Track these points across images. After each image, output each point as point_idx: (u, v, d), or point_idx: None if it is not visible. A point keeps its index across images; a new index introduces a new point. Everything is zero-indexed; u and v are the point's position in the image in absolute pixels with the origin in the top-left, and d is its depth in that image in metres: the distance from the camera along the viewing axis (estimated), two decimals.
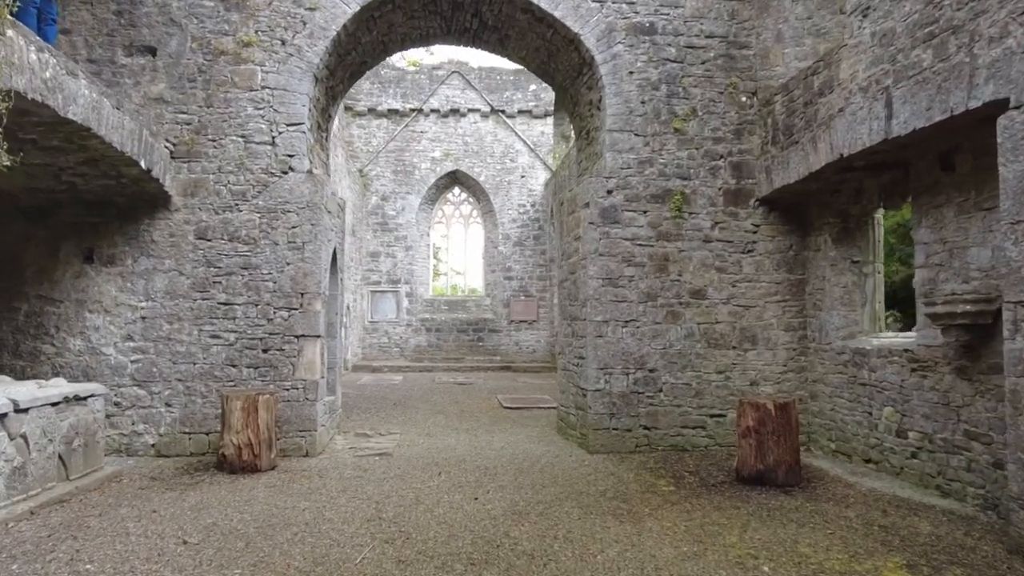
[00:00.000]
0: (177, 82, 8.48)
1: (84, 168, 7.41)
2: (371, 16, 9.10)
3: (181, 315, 8.38)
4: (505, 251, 22.82)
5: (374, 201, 22.85)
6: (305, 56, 8.66)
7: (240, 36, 8.59)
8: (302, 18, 8.68)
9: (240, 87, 8.57)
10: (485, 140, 23.19)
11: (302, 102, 8.65)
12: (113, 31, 8.39)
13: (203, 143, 8.49)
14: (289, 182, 8.57)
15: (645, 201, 8.96)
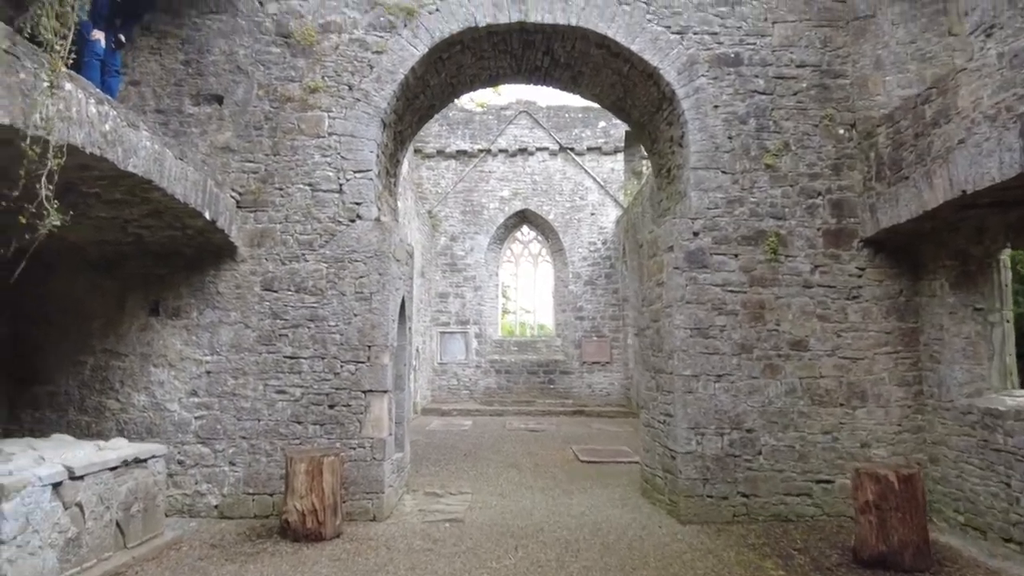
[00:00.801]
0: (243, 130, 8.29)
1: (149, 220, 7.22)
2: (439, 58, 8.78)
3: (246, 369, 8.06)
4: (576, 290, 22.19)
5: (443, 242, 22.64)
6: (372, 101, 8.37)
7: (307, 82, 8.36)
8: (369, 62, 8.41)
9: (307, 134, 8.32)
10: (554, 178, 22.77)
11: (369, 148, 8.33)
12: (180, 80, 8.29)
13: (270, 192, 8.25)
14: (356, 231, 8.23)
15: (736, 243, 8.24)
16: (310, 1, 8.48)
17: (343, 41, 8.44)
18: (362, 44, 8.44)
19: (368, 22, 8.46)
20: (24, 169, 4.43)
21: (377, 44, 8.43)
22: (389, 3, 8.45)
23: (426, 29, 8.43)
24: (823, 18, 8.66)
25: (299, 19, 8.44)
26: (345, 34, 8.45)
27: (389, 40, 8.42)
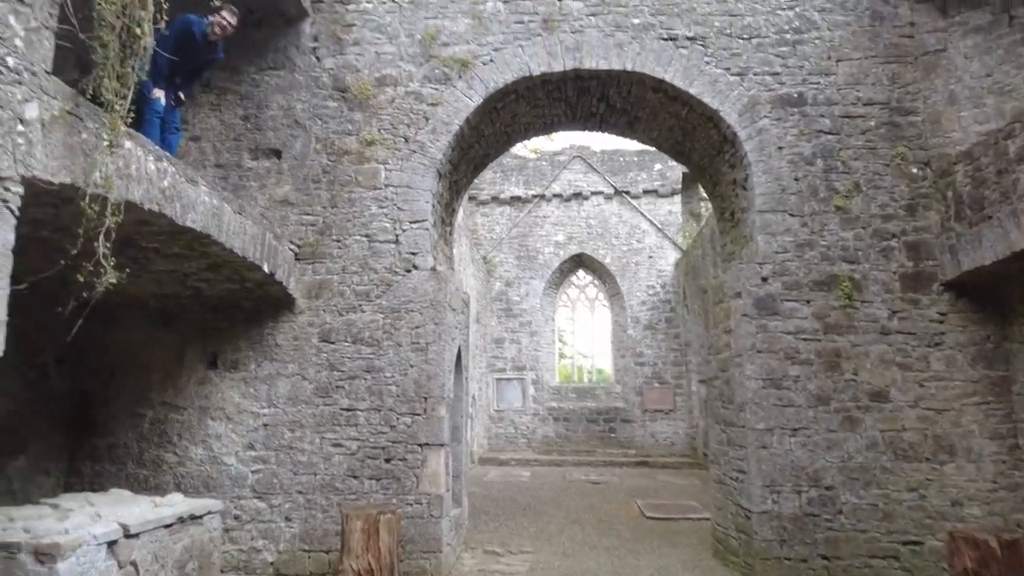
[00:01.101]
0: (302, 183, 8.36)
1: (208, 273, 7.26)
2: (494, 108, 8.74)
3: (303, 422, 7.97)
4: (635, 335, 21.73)
5: (498, 287, 22.57)
6: (428, 152, 8.35)
7: (363, 135, 8.41)
8: (424, 114, 8.43)
9: (364, 186, 8.34)
10: (609, 222, 22.56)
11: (425, 198, 8.29)
12: (240, 136, 8.44)
13: (327, 244, 8.26)
14: (412, 280, 8.15)
15: (807, 289, 7.84)
16: (366, 55, 8.58)
17: (399, 94, 8.49)
18: (417, 96, 8.47)
19: (423, 75, 8.50)
20: (83, 227, 4.45)
21: (432, 96, 8.45)
22: (444, 55, 8.49)
23: (480, 80, 8.42)
24: (890, 54, 8.34)
25: (355, 73, 8.54)
26: (401, 87, 8.50)
27: (444, 92, 8.44)
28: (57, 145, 4.38)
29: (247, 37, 8.48)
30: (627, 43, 8.38)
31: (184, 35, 6.56)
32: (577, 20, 8.46)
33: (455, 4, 8.59)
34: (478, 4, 8.57)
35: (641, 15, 8.45)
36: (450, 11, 8.58)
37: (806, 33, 8.40)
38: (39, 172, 4.24)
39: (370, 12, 8.65)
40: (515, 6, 8.53)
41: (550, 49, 8.39)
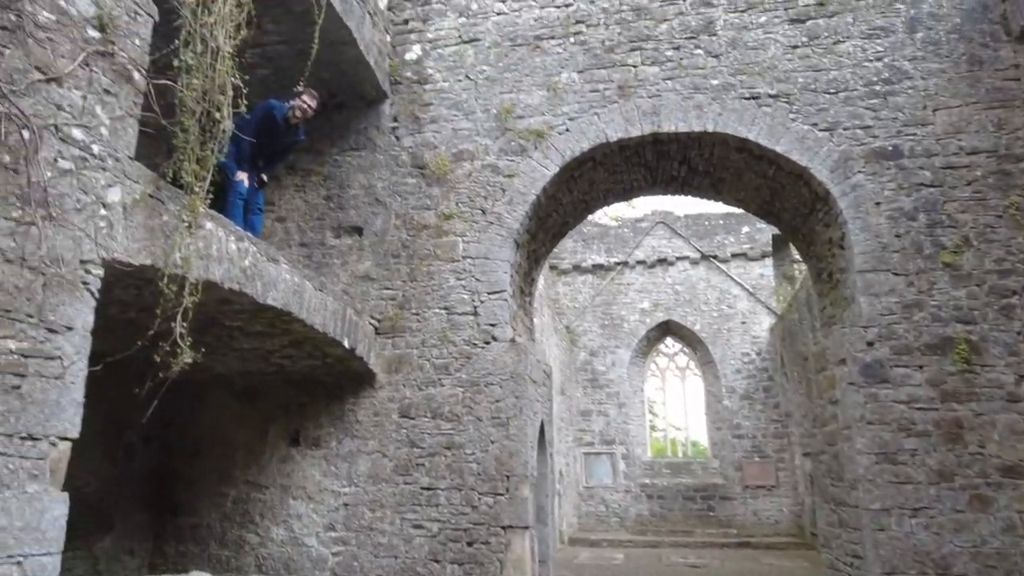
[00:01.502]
0: (382, 259, 8.42)
1: (290, 350, 7.31)
2: (571, 176, 8.64)
3: (383, 501, 7.77)
4: (731, 406, 20.72)
5: (583, 357, 22.12)
6: (505, 223, 8.28)
7: (441, 209, 8.45)
8: (501, 185, 8.40)
9: (442, 259, 8.31)
10: (697, 287, 21.93)
11: (503, 269, 8.17)
12: (323, 215, 8.63)
13: (407, 318, 8.22)
14: (492, 352, 7.96)
15: (919, 353, 7.18)
16: (443, 132, 8.69)
17: (476, 168, 8.52)
18: (494, 169, 8.47)
19: (499, 148, 8.52)
20: (161, 307, 4.49)
21: (509, 168, 8.43)
22: (519, 128, 8.50)
23: (556, 149, 8.36)
24: (993, 99, 7.78)
25: (433, 150, 8.64)
26: (477, 161, 8.54)
27: (520, 163, 8.41)
28: (138, 227, 4.48)
29: (329, 120, 8.77)
30: (707, 104, 8.17)
31: (266, 119, 6.80)
32: (653, 85, 8.33)
33: (530, 77, 8.64)
34: (553, 76, 8.59)
35: (720, 76, 8.25)
36: (525, 85, 8.63)
37: (897, 83, 7.97)
38: (120, 254, 4.32)
39: (446, 90, 8.81)
40: (590, 75, 8.50)
41: (627, 115, 8.27)
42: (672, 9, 8.52)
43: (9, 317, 3.59)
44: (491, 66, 8.76)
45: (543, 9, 8.81)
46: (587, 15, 8.68)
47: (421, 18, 9.11)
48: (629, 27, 8.55)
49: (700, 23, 8.42)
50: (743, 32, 8.32)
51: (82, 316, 4.03)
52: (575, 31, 8.66)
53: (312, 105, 7.02)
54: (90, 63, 4.18)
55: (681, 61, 8.34)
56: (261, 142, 6.71)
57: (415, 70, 8.95)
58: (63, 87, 3.99)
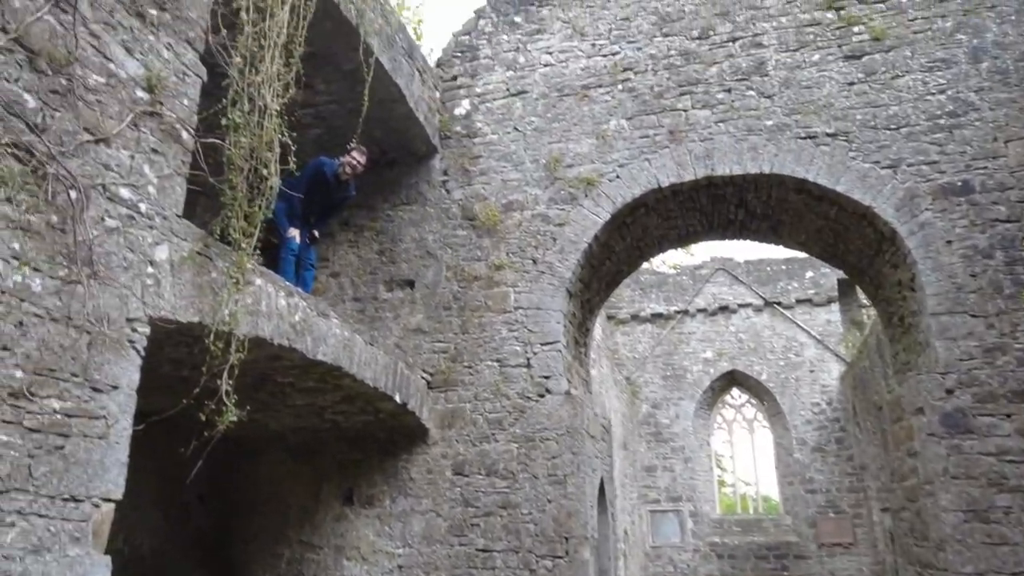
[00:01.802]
0: (433, 311, 8.36)
1: (343, 406, 7.25)
2: (623, 223, 8.48)
3: (438, 564, 7.52)
4: (802, 459, 19.73)
5: (644, 410, 21.51)
6: (557, 272, 8.14)
7: (492, 260, 8.37)
8: (552, 235, 8.29)
9: (493, 310, 8.20)
10: (762, 335, 21.20)
11: (556, 319, 8.00)
12: (375, 269, 8.66)
13: (459, 371, 8.09)
14: (546, 406, 7.73)
15: (1005, 401, 6.64)
16: (493, 183, 8.68)
17: (525, 218, 8.45)
18: (544, 218, 8.38)
19: (549, 197, 8.44)
20: (207, 364, 4.46)
21: (559, 217, 8.33)
22: (569, 176, 8.42)
23: (607, 196, 8.23)
24: None
25: (483, 201, 8.62)
26: (527, 211, 8.47)
27: (571, 212, 8.30)
28: (186, 284, 4.49)
29: (381, 176, 8.88)
30: (762, 146, 7.94)
31: (317, 176, 6.89)
32: (705, 128, 8.17)
33: (578, 126, 8.59)
34: (601, 124, 8.52)
35: (774, 116, 8.03)
36: (573, 134, 8.58)
37: (963, 116, 7.60)
38: (167, 312, 4.32)
39: (495, 143, 8.83)
40: (639, 122, 8.40)
41: (679, 159, 8.11)
42: (721, 52, 8.40)
43: (54, 376, 3.59)
44: (539, 117, 8.75)
45: (590, 59, 8.81)
46: (634, 62, 8.64)
47: (469, 73, 9.21)
48: (678, 72, 8.45)
49: (751, 64, 8.26)
50: (796, 71, 8.12)
51: (128, 375, 4.02)
52: (623, 78, 8.60)
53: (362, 161, 7.09)
54: (138, 123, 4.27)
55: (733, 103, 8.17)
56: (313, 199, 6.79)
57: (464, 124, 9.02)
58: (111, 147, 4.07)
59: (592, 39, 8.87)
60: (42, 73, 3.68)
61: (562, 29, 9.03)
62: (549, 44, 9.01)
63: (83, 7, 3.96)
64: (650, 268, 23.09)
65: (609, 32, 8.84)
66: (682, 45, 8.55)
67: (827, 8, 8.22)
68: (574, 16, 9.03)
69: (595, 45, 8.84)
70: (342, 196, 7.28)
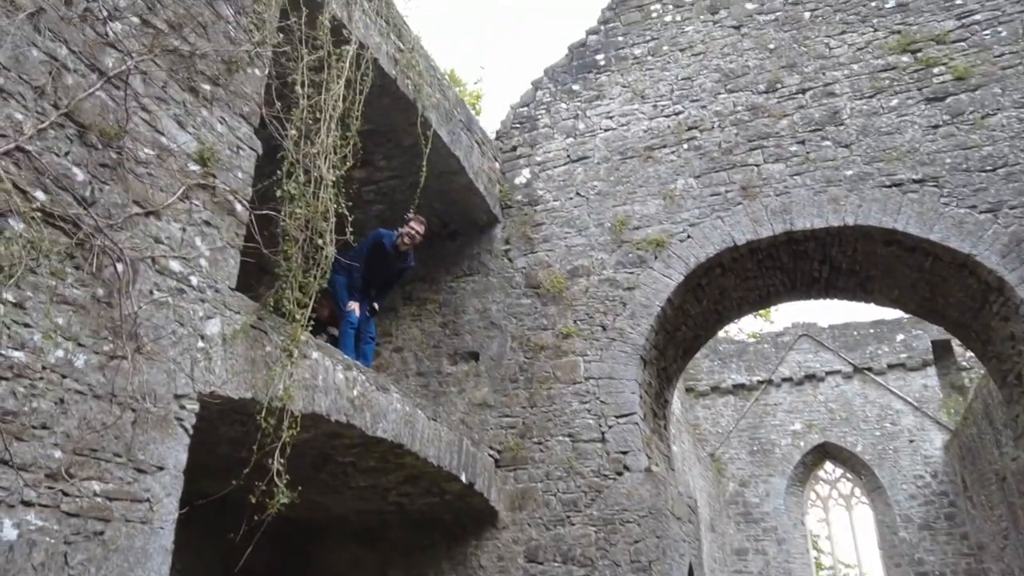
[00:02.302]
0: (499, 384, 8.01)
1: (407, 487, 6.90)
2: (698, 285, 8.04)
3: None
4: (908, 537, 18.05)
5: (732, 488, 20.24)
6: (629, 339, 7.71)
7: (559, 328, 8.02)
8: (621, 299, 7.91)
9: (562, 381, 7.79)
10: (853, 404, 19.86)
11: (631, 389, 7.52)
12: (439, 342, 8.43)
13: (528, 447, 7.65)
14: (625, 484, 7.17)
15: None
16: (557, 250, 8.42)
17: (592, 283, 8.12)
18: (612, 283, 8.03)
19: (616, 260, 8.11)
20: (258, 442, 4.21)
21: (628, 280, 7.97)
22: (636, 239, 8.09)
23: (678, 257, 7.84)
24: None
25: (547, 269, 8.36)
26: (594, 276, 8.14)
27: (640, 275, 7.93)
28: (238, 359, 4.31)
29: (442, 249, 8.76)
30: (843, 197, 7.46)
31: (376, 248, 6.78)
32: (780, 182, 7.76)
33: (643, 188, 8.31)
34: (668, 184, 8.22)
35: (854, 166, 7.57)
36: (639, 195, 8.30)
37: None
38: (218, 388, 4.13)
39: (557, 209, 8.62)
40: (708, 179, 8.06)
41: (753, 215, 7.69)
42: (791, 104, 8.06)
43: (95, 457, 3.39)
44: (602, 181, 8.53)
45: (652, 120, 8.60)
46: (699, 120, 8.37)
47: (529, 143, 9.13)
48: (746, 127, 8.14)
49: (824, 114, 7.87)
50: (873, 118, 7.68)
51: (174, 454, 3.80)
52: (688, 137, 8.34)
53: (420, 231, 6.97)
54: (190, 196, 4.20)
55: (808, 155, 7.76)
56: (372, 270, 6.68)
57: (525, 192, 8.87)
58: (161, 220, 3.98)
59: (653, 100, 8.69)
60: (92, 147, 3.65)
61: (622, 93, 8.89)
62: (609, 109, 8.87)
63: (135, 83, 3.97)
64: (728, 337, 22.25)
65: (671, 92, 8.64)
66: (748, 100, 8.25)
67: (901, 52, 7.82)
68: (633, 80, 8.89)
69: (657, 106, 8.64)
70: (402, 267, 7.15)
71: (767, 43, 8.42)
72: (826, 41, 8.17)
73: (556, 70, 9.41)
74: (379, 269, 6.80)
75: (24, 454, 3.10)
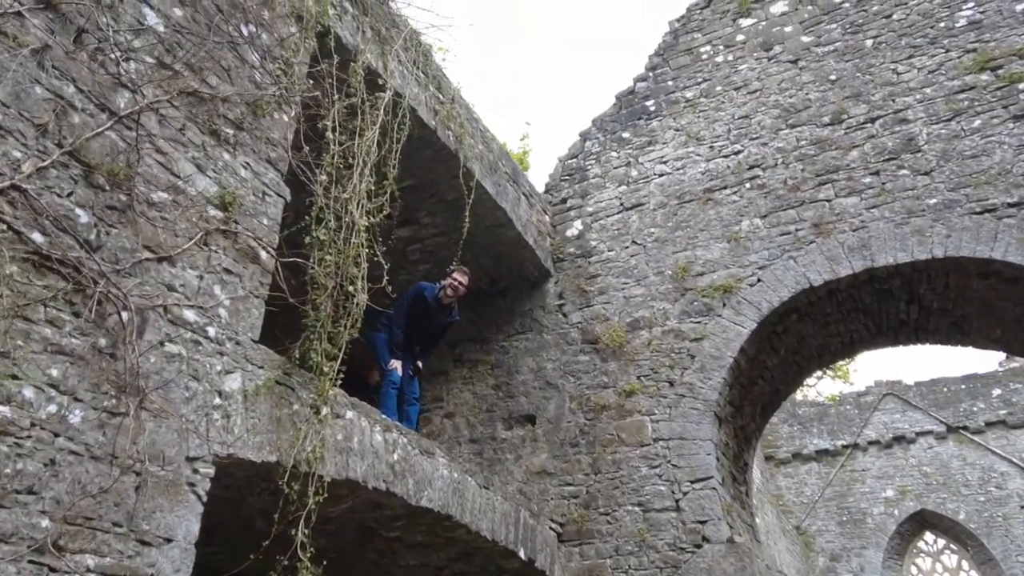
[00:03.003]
0: (559, 449, 7.39)
1: (460, 564, 6.28)
2: (772, 333, 7.37)
3: None
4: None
5: (822, 563, 18.57)
6: (700, 394, 7.04)
7: (621, 386, 7.41)
8: (688, 351, 7.28)
9: (628, 444, 7.12)
10: (950, 467, 18.19)
11: (705, 450, 6.80)
12: (492, 406, 7.91)
13: (593, 518, 6.95)
14: (705, 558, 6.38)
15: None
16: (614, 302, 7.89)
17: (655, 335, 7.53)
18: (677, 334, 7.42)
19: (680, 310, 7.53)
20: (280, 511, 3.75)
21: (694, 331, 7.35)
22: (701, 286, 7.51)
23: (749, 303, 7.21)
24: None
25: (605, 322, 7.81)
26: (657, 327, 7.56)
27: (708, 324, 7.31)
28: (261, 418, 3.90)
29: (493, 307, 8.37)
30: (927, 228, 6.77)
31: (417, 302, 6.41)
32: (855, 217, 7.13)
33: (705, 232, 7.78)
34: (731, 226, 7.67)
35: (937, 194, 6.90)
36: (700, 240, 7.76)
37: None
38: (237, 450, 3.71)
39: (613, 259, 8.14)
40: (776, 218, 7.49)
41: (829, 253, 7.05)
42: (860, 134, 7.49)
43: (90, 527, 2.98)
44: (659, 227, 8.04)
45: (709, 162, 8.14)
46: (761, 158, 7.86)
47: (579, 194, 8.76)
48: (813, 161, 7.58)
49: (898, 142, 7.27)
50: (954, 142, 7.03)
51: (185, 524, 3.37)
52: (750, 176, 7.82)
53: (464, 282, 6.57)
54: (209, 242, 3.90)
55: (884, 186, 7.14)
56: (415, 326, 6.29)
57: (577, 244, 8.44)
58: (176, 266, 3.67)
59: (709, 142, 8.24)
60: (98, 188, 3.39)
61: (675, 137, 8.48)
62: (663, 153, 8.46)
63: (150, 123, 3.74)
64: (806, 399, 20.93)
65: (728, 132, 8.19)
66: (813, 134, 7.72)
67: (979, 71, 7.21)
68: (687, 123, 8.49)
69: (713, 147, 8.18)
70: (446, 321, 6.72)
71: (828, 75, 7.94)
72: (893, 67, 7.63)
73: (604, 119, 9.11)
74: (422, 324, 6.40)
75: (4, 523, 2.71)
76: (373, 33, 5.94)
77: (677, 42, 9.08)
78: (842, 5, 8.19)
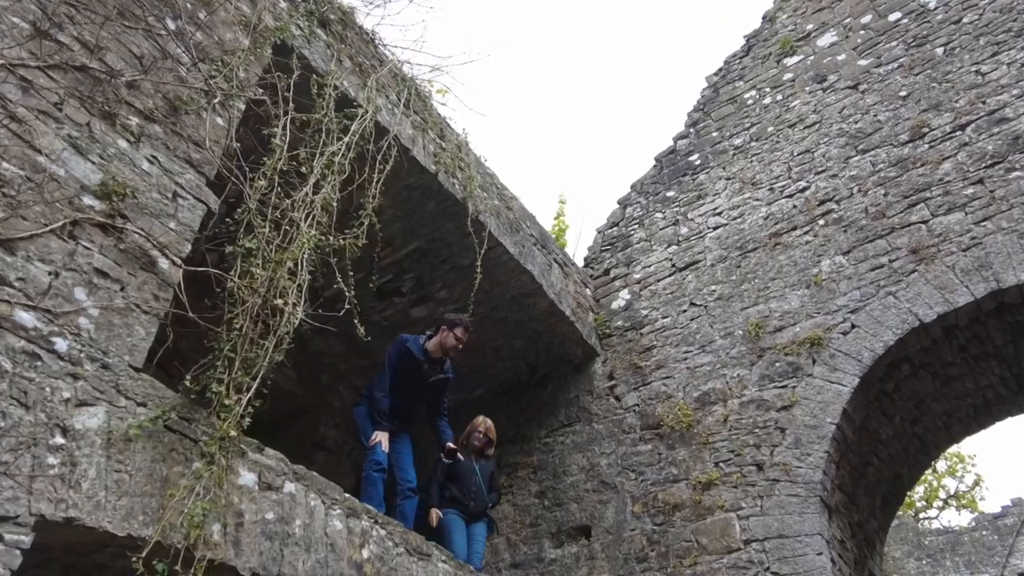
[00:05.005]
0: (623, 567, 5.69)
1: None
2: (881, 392, 5.78)
3: None
4: None
5: None
6: (798, 476, 5.38)
7: (696, 477, 5.80)
8: (776, 424, 5.70)
9: (712, 551, 5.41)
10: None
11: (815, 548, 5.04)
12: (537, 518, 6.32)
13: None
14: None
15: None
16: (676, 376, 6.43)
17: (732, 409, 5.98)
18: (759, 404, 5.87)
19: (759, 375, 6.01)
20: None
21: (781, 398, 5.79)
22: (781, 343, 6.04)
23: (845, 355, 5.67)
24: None
25: (667, 401, 6.33)
26: (733, 400, 6.03)
27: (797, 387, 5.76)
28: (135, 473, 2.70)
29: (532, 399, 7.06)
30: None
31: (404, 359, 5.08)
32: (963, 234, 5.68)
33: (777, 280, 6.40)
34: (808, 269, 6.29)
35: None
36: (772, 290, 6.38)
37: None
38: (86, 514, 2.45)
39: (669, 327, 6.77)
40: (862, 252, 6.08)
41: (938, 281, 5.55)
42: (949, 145, 6.19)
43: None
44: (721, 283, 6.71)
45: (771, 205, 6.91)
46: (832, 191, 6.60)
47: (623, 262, 7.57)
48: (896, 183, 6.27)
49: (1000, 144, 5.93)
50: None
51: None
52: (822, 212, 6.52)
53: (464, 339, 5.26)
54: (77, 235, 2.87)
55: (993, 194, 5.72)
56: (404, 389, 4.96)
57: (626, 316, 7.14)
58: (14, 255, 2.63)
59: (768, 184, 7.06)
60: None
61: (727, 186, 7.35)
62: (715, 205, 7.29)
63: (5, 87, 2.87)
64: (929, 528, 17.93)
65: (788, 171, 7.01)
66: (891, 154, 6.47)
67: None
68: (738, 170, 7.38)
69: (774, 189, 6.99)
70: (438, 379, 5.28)
71: (897, 92, 6.80)
72: (975, 69, 6.45)
73: (644, 183, 8.09)
74: (413, 385, 5.05)
75: None
76: (353, 65, 5.22)
77: (718, 94, 8.19)
78: (900, 22, 7.19)
